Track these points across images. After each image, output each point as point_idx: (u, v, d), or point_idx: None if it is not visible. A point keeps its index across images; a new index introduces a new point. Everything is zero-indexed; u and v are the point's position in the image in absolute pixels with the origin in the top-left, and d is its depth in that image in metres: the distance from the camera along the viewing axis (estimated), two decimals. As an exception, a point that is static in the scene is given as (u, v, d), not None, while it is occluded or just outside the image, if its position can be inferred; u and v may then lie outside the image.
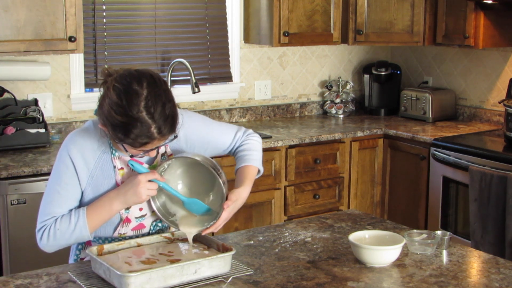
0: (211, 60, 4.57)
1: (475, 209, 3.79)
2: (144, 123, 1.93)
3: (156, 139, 1.99)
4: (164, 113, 1.96)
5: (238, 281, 2.02)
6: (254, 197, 4.03)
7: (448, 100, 4.81)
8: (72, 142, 2.11)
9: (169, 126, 1.99)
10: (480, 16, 4.22)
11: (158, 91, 1.97)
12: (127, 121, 1.93)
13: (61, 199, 2.11)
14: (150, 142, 1.99)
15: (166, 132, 1.99)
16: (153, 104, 1.94)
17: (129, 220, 2.19)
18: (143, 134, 1.95)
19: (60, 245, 2.13)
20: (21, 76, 3.80)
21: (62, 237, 2.10)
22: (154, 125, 1.95)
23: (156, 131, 1.96)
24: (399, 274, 2.10)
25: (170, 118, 1.99)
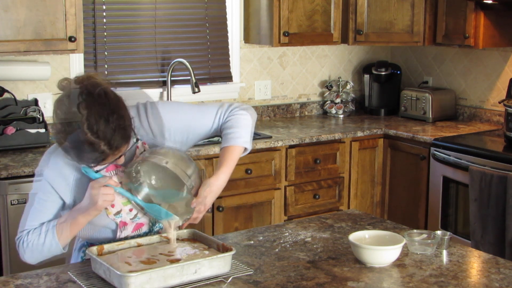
0: (211, 60, 4.57)
1: (475, 209, 3.79)
2: (92, 143, 1.92)
3: (110, 154, 1.97)
4: (110, 127, 1.93)
5: (238, 281, 2.02)
6: (254, 197, 4.03)
7: (448, 100, 4.81)
8: (45, 165, 2.13)
9: (119, 138, 1.96)
10: (480, 16, 4.22)
11: (97, 107, 1.93)
12: (74, 146, 1.94)
13: (37, 214, 2.12)
14: (105, 158, 1.98)
15: (118, 144, 1.96)
16: (95, 122, 1.91)
17: (125, 223, 2.19)
18: (95, 153, 1.94)
19: (37, 257, 2.13)
20: (21, 76, 3.80)
21: (36, 249, 2.11)
22: (102, 142, 1.93)
23: (106, 147, 1.94)
24: (399, 274, 2.10)
25: (118, 130, 1.95)
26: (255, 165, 4.01)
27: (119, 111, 1.97)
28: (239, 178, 3.97)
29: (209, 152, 3.82)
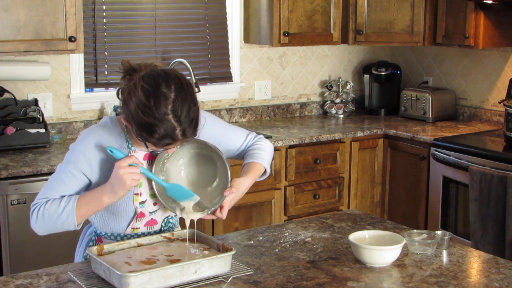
0: (211, 60, 4.58)
1: (475, 209, 3.79)
2: (170, 125, 1.97)
3: (179, 141, 2.03)
4: (189, 116, 2.00)
5: (238, 281, 2.02)
6: (254, 197, 4.03)
7: (448, 100, 4.81)
8: (90, 136, 2.13)
9: (192, 129, 2.02)
10: (480, 16, 4.22)
11: (184, 94, 2.00)
12: (153, 122, 1.96)
13: (61, 186, 2.13)
14: (173, 143, 2.03)
15: (189, 135, 2.03)
16: (179, 107, 1.97)
17: (143, 215, 2.21)
18: (167, 136, 1.99)
19: (48, 228, 2.13)
20: (21, 76, 3.80)
21: (50, 219, 2.10)
22: (179, 127, 1.98)
23: (180, 133, 2.00)
24: (399, 274, 2.10)
25: (194, 121, 2.02)
26: (255, 165, 4.01)
27: (198, 106, 2.05)
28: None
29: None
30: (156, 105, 1.95)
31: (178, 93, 1.99)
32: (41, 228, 2.14)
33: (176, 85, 1.99)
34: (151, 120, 1.96)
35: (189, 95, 2.01)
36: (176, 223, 2.36)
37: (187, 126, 2.00)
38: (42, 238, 3.29)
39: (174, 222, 2.32)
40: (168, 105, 1.96)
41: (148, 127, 1.97)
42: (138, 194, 2.18)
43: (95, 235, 2.29)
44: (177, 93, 1.98)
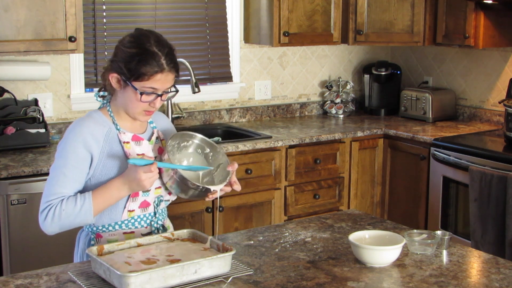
0: (211, 60, 4.58)
1: (475, 209, 3.79)
2: (155, 54, 2.19)
3: (165, 71, 2.20)
4: (171, 49, 2.25)
5: (238, 281, 2.02)
6: (254, 197, 4.03)
7: (448, 100, 4.81)
8: (80, 125, 2.24)
9: (174, 62, 2.24)
10: (480, 16, 4.22)
11: (162, 37, 2.28)
12: (140, 52, 2.19)
13: (66, 180, 2.18)
14: (160, 72, 2.19)
15: (172, 66, 2.22)
16: (161, 42, 2.24)
17: (137, 194, 2.28)
18: (154, 63, 2.19)
19: (63, 227, 2.18)
20: (21, 76, 3.80)
21: (67, 218, 2.15)
22: (163, 56, 2.20)
23: (165, 62, 2.20)
24: (399, 274, 2.10)
25: (174, 56, 2.25)
26: (255, 165, 4.01)
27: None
28: (239, 178, 3.93)
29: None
30: (140, 41, 2.22)
31: (157, 35, 2.27)
32: (55, 228, 2.18)
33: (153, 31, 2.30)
34: (138, 51, 2.19)
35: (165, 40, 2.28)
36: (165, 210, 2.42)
37: (170, 56, 2.22)
38: (42, 238, 3.29)
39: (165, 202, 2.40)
40: (150, 40, 2.22)
41: (136, 56, 2.19)
42: None
43: (92, 233, 2.29)
44: (156, 35, 2.27)
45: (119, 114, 2.30)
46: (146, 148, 2.32)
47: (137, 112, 2.26)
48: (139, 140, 2.32)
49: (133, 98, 2.23)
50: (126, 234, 2.29)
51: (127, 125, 2.31)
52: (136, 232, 2.30)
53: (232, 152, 3.91)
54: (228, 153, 3.89)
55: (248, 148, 3.95)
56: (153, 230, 2.33)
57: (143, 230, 2.32)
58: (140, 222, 2.31)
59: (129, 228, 2.29)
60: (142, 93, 2.21)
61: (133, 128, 2.32)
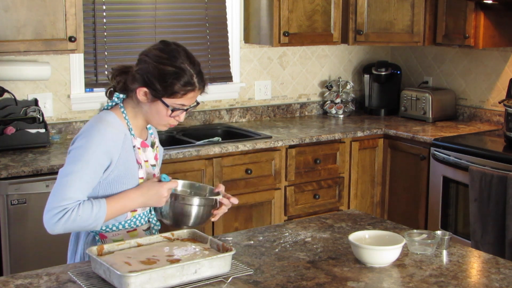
0: (211, 60, 4.57)
1: (475, 209, 3.79)
2: (189, 73, 2.23)
3: (197, 89, 2.27)
4: (199, 66, 2.29)
5: (238, 281, 2.02)
6: (254, 197, 4.03)
7: (448, 100, 4.81)
8: (101, 132, 2.21)
9: (204, 80, 2.31)
10: (480, 16, 4.22)
11: (188, 51, 2.30)
12: (174, 71, 2.21)
13: (84, 185, 2.17)
14: (193, 91, 2.25)
15: (202, 84, 2.29)
16: (191, 59, 2.27)
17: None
18: (188, 82, 2.23)
19: (71, 229, 2.19)
20: (21, 76, 3.80)
21: (80, 223, 2.15)
22: (195, 75, 2.25)
23: (197, 80, 2.26)
24: (399, 274, 2.10)
25: (203, 73, 2.31)
26: (255, 165, 4.01)
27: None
28: (239, 178, 3.97)
29: (209, 152, 3.82)
30: (172, 57, 2.22)
31: (185, 51, 2.28)
32: (65, 230, 2.17)
33: (180, 45, 2.30)
34: (172, 69, 2.21)
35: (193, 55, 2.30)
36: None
37: (200, 74, 2.27)
38: (42, 238, 3.29)
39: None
40: (182, 57, 2.24)
41: (171, 75, 2.20)
42: (142, 178, 2.31)
43: (96, 233, 2.30)
44: (185, 50, 2.28)
45: (135, 119, 2.31)
46: (150, 155, 2.38)
47: (161, 124, 2.31)
48: (145, 146, 2.36)
49: (162, 113, 2.26)
50: (130, 232, 2.32)
51: (138, 132, 2.33)
52: (138, 229, 2.34)
53: (232, 152, 3.91)
54: (228, 153, 3.89)
55: (248, 148, 3.95)
56: (152, 226, 2.38)
57: (143, 226, 2.37)
58: (140, 220, 2.35)
59: (132, 226, 2.33)
60: (174, 109, 2.25)
61: (141, 135, 2.36)
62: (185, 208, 2.27)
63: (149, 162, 2.36)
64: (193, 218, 2.28)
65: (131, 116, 2.30)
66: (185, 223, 2.29)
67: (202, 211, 2.29)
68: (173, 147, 3.80)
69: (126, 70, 2.30)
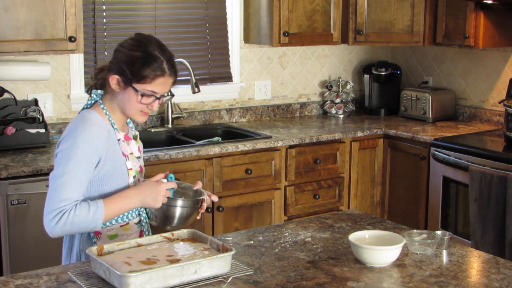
0: (211, 60, 4.57)
1: (475, 209, 3.79)
2: (158, 58, 2.27)
3: (166, 75, 2.28)
4: (171, 55, 2.32)
5: (238, 281, 2.02)
6: (254, 197, 4.03)
7: (448, 100, 4.81)
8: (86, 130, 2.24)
9: (175, 68, 2.31)
10: (480, 16, 4.22)
11: (164, 45, 2.35)
12: (143, 55, 2.26)
13: (79, 185, 2.19)
14: (162, 76, 2.26)
15: (173, 71, 2.30)
16: (162, 47, 2.31)
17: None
18: (157, 67, 2.25)
19: (71, 232, 2.20)
20: (21, 76, 3.80)
21: (79, 225, 2.16)
22: (165, 61, 2.27)
23: (166, 67, 2.27)
24: (399, 274, 2.10)
25: (175, 63, 2.33)
26: (255, 165, 4.01)
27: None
28: (239, 178, 3.97)
29: (209, 152, 3.82)
30: (143, 45, 2.28)
31: (158, 41, 2.34)
32: (64, 232, 2.18)
33: (154, 37, 2.37)
34: (141, 54, 2.25)
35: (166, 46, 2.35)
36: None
37: (171, 60, 2.30)
38: (42, 238, 3.28)
39: None
40: (153, 45, 2.30)
41: (140, 60, 2.25)
42: (131, 169, 2.36)
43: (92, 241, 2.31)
44: (157, 40, 2.34)
45: (115, 113, 2.35)
46: (133, 147, 2.42)
47: (134, 113, 2.32)
48: (128, 140, 2.40)
49: (132, 100, 2.28)
50: (123, 226, 2.35)
51: (119, 126, 2.37)
52: (130, 223, 2.37)
53: (232, 152, 3.91)
54: (228, 153, 3.89)
55: (248, 148, 3.95)
56: (141, 219, 2.40)
57: (135, 219, 2.38)
58: (131, 213, 2.37)
59: (124, 221, 2.35)
60: (143, 95, 2.26)
61: (123, 129, 2.40)
62: (169, 209, 2.30)
63: (134, 154, 2.41)
64: (177, 219, 2.31)
65: (111, 111, 2.34)
66: (169, 223, 2.33)
67: (186, 212, 2.32)
68: (173, 147, 3.80)
69: (106, 67, 2.37)
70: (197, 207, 2.36)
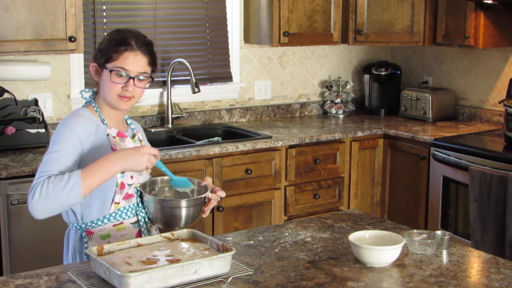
0: (211, 60, 4.57)
1: (475, 209, 3.79)
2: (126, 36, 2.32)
3: (134, 50, 2.29)
4: (144, 37, 2.36)
5: (238, 281, 2.02)
6: (254, 197, 4.03)
7: (448, 100, 4.81)
8: (72, 119, 2.28)
9: (145, 45, 2.33)
10: (480, 16, 4.22)
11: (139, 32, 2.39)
12: (112, 37, 2.33)
13: (56, 163, 2.19)
14: (128, 51, 2.29)
15: (143, 49, 2.31)
16: (134, 32, 2.36)
17: (123, 186, 2.31)
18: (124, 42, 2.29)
19: (51, 204, 2.12)
20: (21, 76, 3.80)
21: (54, 193, 2.10)
22: (134, 39, 2.31)
23: (134, 43, 2.30)
24: (399, 274, 2.10)
25: (148, 44, 2.35)
26: (255, 165, 4.01)
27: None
28: (239, 178, 3.97)
29: (209, 152, 3.82)
30: (116, 32, 2.36)
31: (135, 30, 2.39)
32: (43, 206, 2.11)
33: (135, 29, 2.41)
34: (111, 36, 2.33)
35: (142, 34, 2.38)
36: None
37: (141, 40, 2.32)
38: (42, 238, 3.29)
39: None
40: (124, 31, 2.35)
41: (108, 41, 2.32)
42: None
43: (82, 230, 2.30)
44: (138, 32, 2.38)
45: (104, 110, 2.36)
46: (129, 145, 2.39)
47: (113, 98, 2.31)
48: (123, 137, 2.39)
49: (108, 82, 2.30)
50: (116, 225, 2.32)
51: (112, 123, 2.37)
52: (125, 223, 2.34)
53: (232, 152, 3.91)
54: (228, 153, 3.89)
55: (248, 148, 3.95)
56: (139, 219, 2.36)
57: (131, 219, 2.35)
58: (126, 213, 2.34)
59: (118, 220, 2.32)
60: (111, 71, 2.28)
61: (117, 126, 2.39)
62: (174, 211, 2.28)
63: None
64: (183, 219, 2.29)
65: (100, 107, 2.36)
66: (176, 225, 2.30)
67: (192, 211, 2.30)
68: (173, 147, 3.80)
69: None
70: (202, 203, 2.32)
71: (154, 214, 2.31)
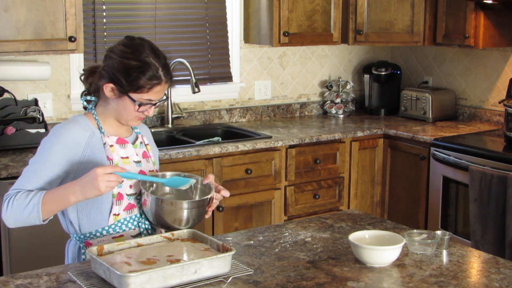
0: (211, 60, 4.58)
1: (475, 209, 3.79)
2: (154, 66, 2.20)
3: (163, 83, 2.22)
4: (165, 59, 2.26)
5: (238, 281, 2.02)
6: (254, 197, 4.03)
7: (448, 100, 4.81)
8: (62, 129, 2.24)
9: (170, 73, 2.25)
10: (480, 16, 4.22)
11: (153, 44, 2.28)
12: (138, 64, 2.19)
13: (34, 178, 2.18)
14: (159, 85, 2.21)
15: (169, 77, 2.24)
16: (156, 52, 2.24)
17: (121, 197, 2.26)
18: (153, 76, 2.19)
19: (15, 219, 2.17)
20: (21, 76, 3.80)
21: (17, 210, 2.14)
22: (161, 68, 2.21)
23: (162, 74, 2.21)
24: (399, 274, 2.10)
25: (169, 66, 2.28)
26: (255, 165, 4.01)
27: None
28: (239, 178, 3.97)
29: (209, 152, 3.82)
30: (136, 51, 2.21)
31: (150, 44, 2.26)
32: (10, 219, 2.18)
33: (145, 40, 2.29)
34: (136, 63, 2.18)
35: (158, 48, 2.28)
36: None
37: (166, 66, 2.23)
38: (42, 238, 3.29)
39: None
40: (146, 51, 2.22)
41: (136, 69, 2.18)
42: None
43: (80, 241, 2.28)
44: (150, 44, 2.26)
45: (106, 119, 2.30)
46: (130, 151, 2.33)
47: (129, 119, 2.28)
48: (124, 143, 2.33)
49: (129, 108, 2.24)
50: (115, 238, 2.27)
51: (113, 130, 2.31)
52: (125, 235, 2.29)
53: (232, 152, 3.91)
54: (228, 153, 3.89)
55: (248, 148, 3.95)
56: (141, 231, 2.32)
57: (131, 232, 2.30)
58: (127, 224, 2.29)
59: (117, 232, 2.28)
60: (141, 104, 2.22)
61: (118, 133, 2.33)
62: (176, 214, 2.22)
63: (131, 158, 2.32)
64: (184, 221, 2.23)
65: (101, 116, 2.30)
66: (179, 226, 2.25)
67: (194, 212, 2.24)
68: (173, 147, 3.80)
69: (95, 69, 2.29)
70: (204, 204, 2.27)
71: (155, 217, 2.25)
